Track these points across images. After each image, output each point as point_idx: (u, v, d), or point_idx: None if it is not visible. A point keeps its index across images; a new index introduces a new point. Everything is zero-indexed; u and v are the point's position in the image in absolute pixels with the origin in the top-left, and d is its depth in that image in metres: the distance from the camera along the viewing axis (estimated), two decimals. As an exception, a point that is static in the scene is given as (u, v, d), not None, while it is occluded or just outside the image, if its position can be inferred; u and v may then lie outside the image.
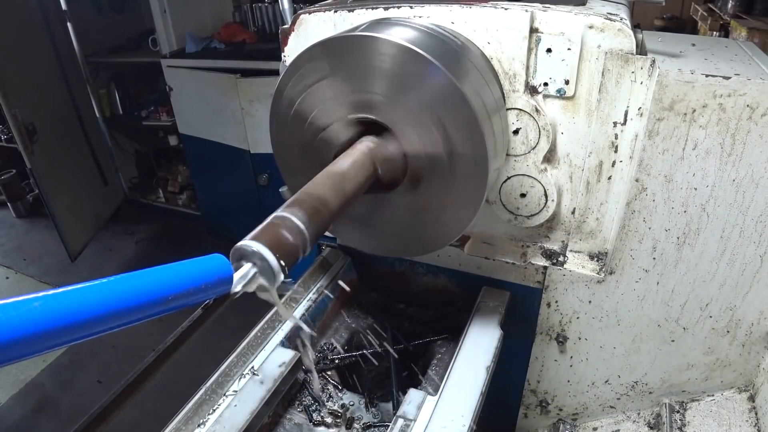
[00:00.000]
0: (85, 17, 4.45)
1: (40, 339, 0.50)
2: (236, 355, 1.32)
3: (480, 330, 1.35)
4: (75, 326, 0.52)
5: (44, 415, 3.17)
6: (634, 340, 1.44)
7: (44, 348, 0.51)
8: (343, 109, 1.09)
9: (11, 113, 3.40)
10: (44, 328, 0.50)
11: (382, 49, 1.00)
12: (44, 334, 0.50)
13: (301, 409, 1.35)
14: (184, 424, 1.15)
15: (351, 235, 1.30)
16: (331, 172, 1.00)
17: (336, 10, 1.32)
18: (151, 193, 5.15)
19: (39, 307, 0.50)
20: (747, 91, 1.03)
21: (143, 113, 4.72)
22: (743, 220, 1.16)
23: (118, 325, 0.58)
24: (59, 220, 3.85)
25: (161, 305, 0.61)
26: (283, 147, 1.23)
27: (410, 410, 1.14)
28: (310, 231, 0.85)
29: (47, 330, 0.50)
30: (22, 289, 4.25)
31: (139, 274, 0.61)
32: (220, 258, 0.71)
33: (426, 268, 1.64)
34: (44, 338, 0.50)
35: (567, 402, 1.65)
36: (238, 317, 2.00)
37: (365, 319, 1.66)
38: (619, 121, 1.20)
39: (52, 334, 0.50)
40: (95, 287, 0.56)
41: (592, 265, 1.40)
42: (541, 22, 1.17)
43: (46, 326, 0.50)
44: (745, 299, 1.27)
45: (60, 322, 0.51)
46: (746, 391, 1.38)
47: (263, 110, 3.71)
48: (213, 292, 0.69)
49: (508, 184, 1.35)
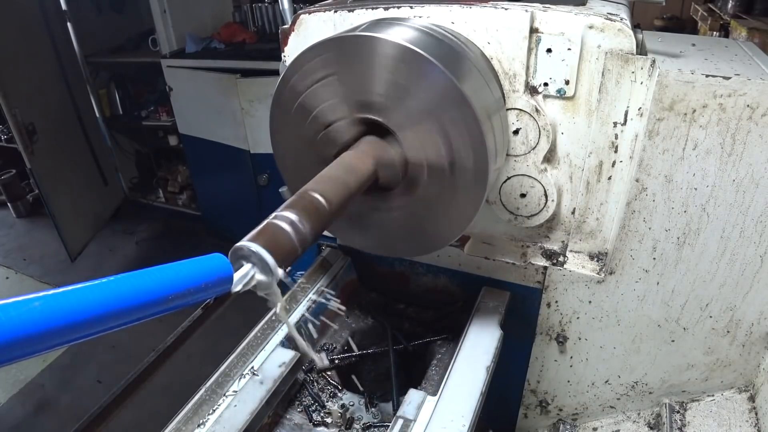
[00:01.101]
0: (85, 17, 4.46)
1: (40, 339, 0.50)
2: (236, 356, 1.32)
3: (480, 330, 1.35)
4: (75, 326, 0.52)
5: (44, 415, 3.17)
6: (634, 341, 1.44)
7: (45, 348, 0.51)
8: (349, 107, 1.09)
9: (11, 113, 3.40)
10: (45, 328, 0.50)
11: (382, 49, 1.00)
12: (45, 334, 0.50)
13: (301, 409, 1.35)
14: (184, 424, 1.15)
15: (350, 235, 1.30)
16: (332, 172, 1.00)
17: (336, 10, 1.32)
18: (151, 193, 5.15)
19: (39, 306, 0.50)
20: (747, 91, 1.03)
21: (143, 113, 4.73)
22: (743, 220, 1.16)
23: (118, 325, 0.58)
24: (59, 220, 3.85)
25: (162, 305, 0.61)
26: (282, 138, 1.22)
27: (410, 410, 1.14)
28: (309, 231, 0.85)
29: (48, 330, 0.50)
30: (22, 289, 4.25)
31: (140, 273, 0.61)
32: (221, 257, 0.71)
33: (426, 268, 1.64)
34: (45, 338, 0.50)
35: (567, 402, 1.65)
36: (238, 317, 2.01)
37: (365, 319, 1.66)
38: (619, 121, 1.20)
39: (52, 333, 0.50)
40: (96, 287, 0.56)
41: (592, 265, 1.40)
42: (541, 22, 1.17)
43: (46, 326, 0.50)
44: (746, 299, 1.26)
45: (60, 322, 0.51)
46: (746, 391, 1.38)
47: (263, 110, 3.71)
48: (213, 291, 0.69)
49: (508, 184, 1.35)
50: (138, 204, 5.18)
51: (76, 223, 4.12)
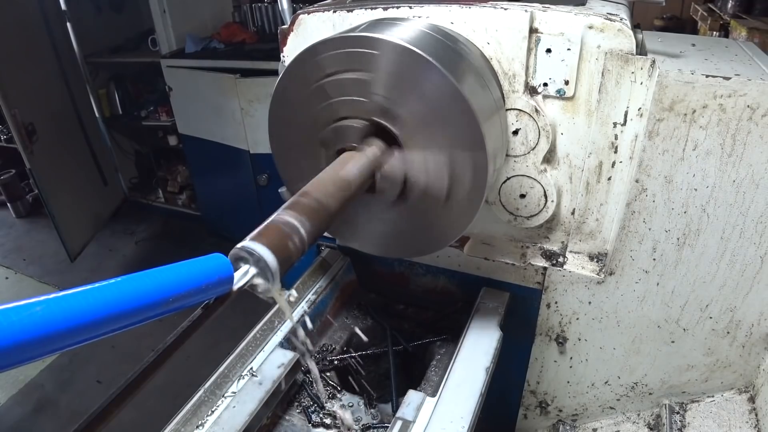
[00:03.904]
0: (84, 17, 4.45)
1: (43, 343, 0.49)
2: (235, 356, 1.31)
3: (479, 331, 1.35)
4: (78, 329, 0.52)
5: (44, 416, 3.17)
6: (634, 341, 1.43)
7: (47, 351, 0.51)
8: (364, 108, 1.06)
9: (11, 113, 3.39)
10: (46, 332, 0.49)
11: (381, 50, 0.99)
12: (47, 338, 0.50)
13: (300, 410, 1.35)
14: (182, 425, 1.14)
15: (350, 235, 1.30)
16: (332, 174, 0.99)
17: (335, 10, 1.32)
18: (151, 193, 5.15)
19: (41, 311, 0.49)
20: (747, 91, 1.03)
21: (143, 113, 4.72)
22: (743, 221, 1.16)
23: (120, 327, 0.57)
24: (59, 220, 3.84)
25: (163, 306, 0.61)
26: (284, 125, 1.19)
27: (409, 412, 1.14)
28: (309, 233, 0.85)
29: (50, 334, 0.50)
30: (21, 289, 4.25)
31: (140, 275, 0.61)
32: (221, 257, 0.71)
33: (425, 268, 1.64)
34: (47, 342, 0.50)
35: (567, 403, 1.65)
36: (238, 317, 2.01)
37: (365, 320, 1.65)
38: (619, 122, 1.20)
39: (54, 337, 0.50)
40: (97, 290, 0.55)
41: (592, 266, 1.40)
42: (540, 22, 1.17)
43: (48, 330, 0.49)
44: (746, 300, 1.26)
45: (62, 326, 0.51)
46: (746, 392, 1.38)
47: (263, 110, 3.70)
48: (214, 292, 0.69)
49: (507, 184, 1.35)
50: (138, 204, 5.17)
51: (75, 223, 4.11)
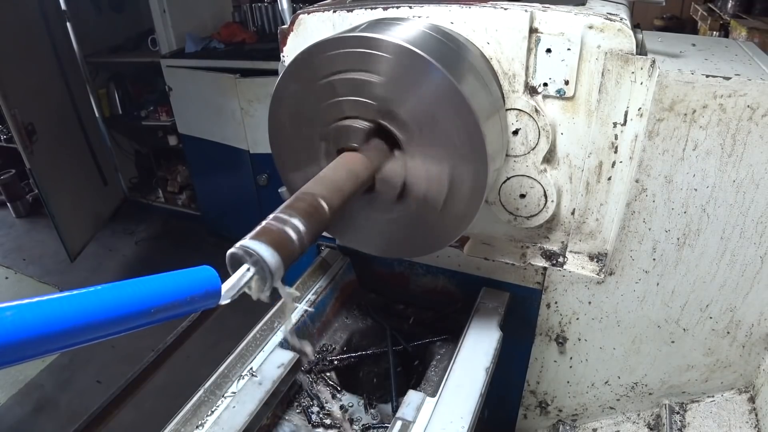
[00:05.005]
0: (84, 17, 4.45)
1: (11, 350, 0.48)
2: (235, 356, 1.31)
3: (479, 331, 1.35)
4: (48, 337, 0.51)
5: (44, 416, 3.17)
6: (634, 341, 1.43)
7: (16, 359, 0.49)
8: (365, 108, 1.06)
9: (11, 113, 3.39)
10: (16, 339, 0.48)
11: (381, 50, 0.99)
12: (16, 345, 0.48)
13: (300, 410, 1.35)
14: (182, 425, 1.14)
15: (350, 235, 1.30)
16: (332, 174, 0.99)
17: (335, 10, 1.32)
18: (151, 193, 5.15)
19: (11, 316, 0.48)
20: (747, 91, 1.03)
21: (143, 113, 4.72)
22: (743, 221, 1.16)
23: (97, 337, 0.56)
24: (59, 220, 3.84)
25: (144, 318, 0.59)
26: (282, 121, 1.17)
27: (409, 412, 1.14)
28: (309, 232, 0.85)
29: (19, 341, 0.48)
30: (21, 289, 4.25)
31: (122, 284, 0.59)
32: (208, 270, 0.69)
33: (425, 269, 1.64)
34: (16, 349, 0.48)
35: (567, 403, 1.64)
36: (238, 317, 2.01)
37: (364, 320, 1.65)
38: (619, 122, 1.20)
39: (24, 344, 0.49)
40: (72, 297, 0.54)
41: (592, 266, 1.39)
42: (540, 22, 1.16)
43: (17, 337, 0.48)
44: (746, 300, 1.26)
45: (32, 333, 0.49)
46: (746, 392, 1.38)
47: (263, 110, 3.71)
48: (200, 305, 0.67)
49: (507, 184, 1.35)
50: (138, 204, 5.17)
51: (75, 223, 4.11)
